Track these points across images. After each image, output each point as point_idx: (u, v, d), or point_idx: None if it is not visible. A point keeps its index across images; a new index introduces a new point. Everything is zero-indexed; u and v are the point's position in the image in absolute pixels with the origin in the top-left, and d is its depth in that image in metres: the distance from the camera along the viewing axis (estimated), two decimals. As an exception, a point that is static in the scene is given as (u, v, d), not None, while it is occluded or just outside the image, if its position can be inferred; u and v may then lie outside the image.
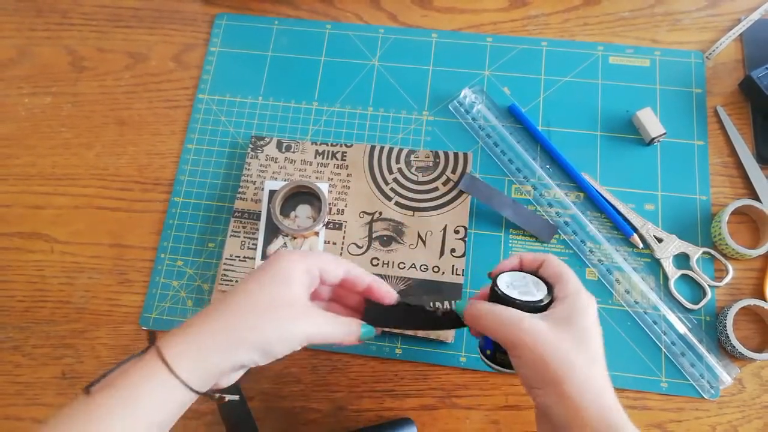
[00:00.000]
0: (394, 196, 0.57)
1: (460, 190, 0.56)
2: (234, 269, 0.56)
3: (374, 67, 0.63)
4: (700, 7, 0.64)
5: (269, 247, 0.56)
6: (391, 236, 0.56)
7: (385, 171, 0.58)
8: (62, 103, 0.64)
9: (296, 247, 0.56)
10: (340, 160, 0.59)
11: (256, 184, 0.58)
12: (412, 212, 0.57)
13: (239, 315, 0.38)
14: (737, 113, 0.59)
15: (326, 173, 0.58)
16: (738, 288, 0.54)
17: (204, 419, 0.53)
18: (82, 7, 0.68)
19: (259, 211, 0.57)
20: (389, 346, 0.54)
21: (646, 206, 0.56)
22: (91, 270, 0.58)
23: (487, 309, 0.40)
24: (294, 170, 0.59)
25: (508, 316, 0.38)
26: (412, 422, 0.50)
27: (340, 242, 0.56)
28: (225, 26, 0.66)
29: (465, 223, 0.56)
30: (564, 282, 0.40)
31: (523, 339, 0.37)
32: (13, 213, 0.60)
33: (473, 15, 0.65)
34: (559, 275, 0.41)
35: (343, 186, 0.58)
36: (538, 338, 0.37)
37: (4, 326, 0.57)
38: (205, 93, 0.63)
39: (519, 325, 0.38)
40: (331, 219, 0.57)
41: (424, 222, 0.56)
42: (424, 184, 0.58)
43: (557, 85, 0.61)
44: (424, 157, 0.58)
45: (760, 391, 0.51)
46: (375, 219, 0.57)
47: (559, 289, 0.40)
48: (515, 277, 0.42)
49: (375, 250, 0.56)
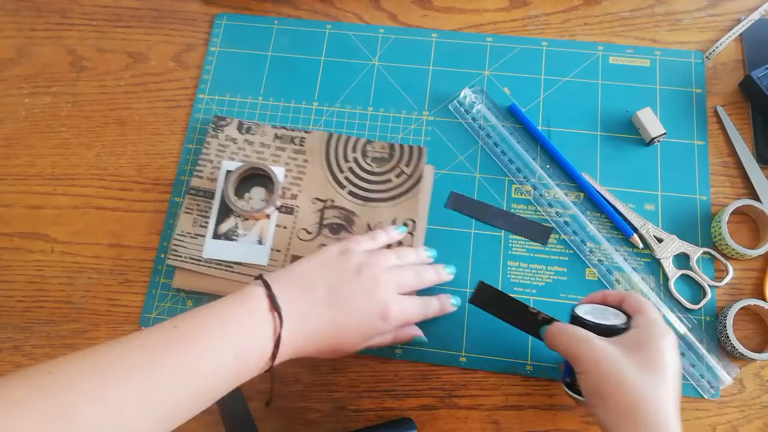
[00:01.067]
0: (347, 185, 0.58)
1: (413, 183, 0.57)
2: (184, 245, 0.56)
3: (374, 67, 0.63)
4: (700, 7, 0.64)
5: (220, 226, 0.57)
6: (341, 224, 0.56)
7: (341, 159, 0.59)
8: (62, 103, 0.64)
9: (247, 229, 0.56)
10: (298, 145, 0.59)
11: (214, 163, 0.59)
12: (363, 202, 0.57)
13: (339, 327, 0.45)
14: (737, 113, 0.59)
15: (283, 157, 0.59)
16: (738, 288, 0.54)
17: (204, 419, 0.53)
18: (82, 7, 0.68)
19: (214, 190, 0.58)
20: (389, 346, 0.54)
21: (646, 206, 0.56)
22: (91, 270, 0.58)
23: (564, 327, 0.43)
24: (252, 152, 0.59)
25: (580, 334, 0.41)
26: (412, 422, 0.50)
27: (291, 227, 0.57)
28: (225, 26, 0.66)
29: (414, 216, 0.56)
30: (642, 313, 0.42)
31: (590, 354, 0.39)
32: (13, 213, 0.60)
33: (473, 15, 0.65)
34: (639, 307, 0.43)
35: (299, 171, 0.58)
36: (603, 354, 0.39)
37: (4, 326, 0.57)
38: (205, 93, 0.63)
39: (588, 342, 0.40)
40: (284, 203, 0.57)
41: (374, 212, 0.57)
42: (378, 175, 0.58)
43: (557, 85, 0.61)
44: (380, 149, 0.59)
45: (760, 391, 0.51)
46: (327, 206, 0.57)
47: (637, 319, 0.42)
48: (596, 308, 0.45)
49: (324, 237, 0.56)
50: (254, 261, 0.55)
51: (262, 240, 0.56)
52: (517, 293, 0.54)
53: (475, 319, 0.54)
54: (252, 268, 0.55)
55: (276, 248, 0.56)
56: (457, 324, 0.54)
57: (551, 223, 0.56)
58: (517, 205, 0.57)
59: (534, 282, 0.55)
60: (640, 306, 0.43)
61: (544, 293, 0.54)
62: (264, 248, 0.56)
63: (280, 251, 0.56)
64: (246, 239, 0.56)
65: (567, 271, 0.55)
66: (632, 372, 0.37)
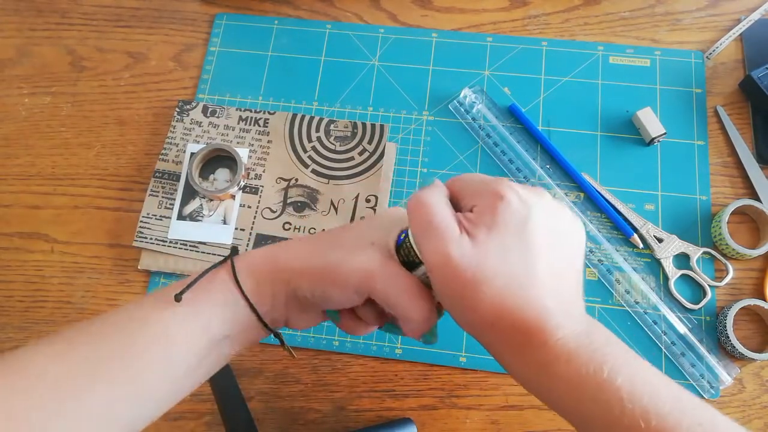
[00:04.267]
0: (311, 164, 0.59)
1: (375, 159, 0.58)
2: (150, 227, 0.57)
3: (374, 67, 0.63)
4: (700, 7, 0.64)
5: (185, 207, 0.58)
6: (305, 202, 0.57)
7: (305, 139, 0.60)
8: (62, 103, 0.64)
9: (212, 210, 0.57)
10: (262, 126, 0.60)
11: (179, 147, 0.60)
12: (327, 180, 0.58)
13: (316, 241, 0.36)
14: (737, 113, 0.59)
15: (248, 139, 0.60)
16: (738, 288, 0.54)
17: (204, 419, 0.53)
18: (81, 6, 0.68)
19: (179, 172, 0.59)
20: (389, 346, 0.54)
21: (646, 206, 0.56)
22: (91, 270, 0.58)
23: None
24: (217, 134, 0.60)
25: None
26: (412, 422, 0.50)
27: (255, 206, 0.58)
28: (225, 26, 0.66)
29: (376, 192, 0.57)
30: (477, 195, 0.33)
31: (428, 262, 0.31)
32: (12, 213, 0.60)
33: (473, 15, 0.65)
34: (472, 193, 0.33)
35: (263, 152, 0.59)
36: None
37: (4, 326, 0.57)
38: (205, 93, 0.63)
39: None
40: (249, 183, 0.58)
41: (338, 190, 0.58)
42: (341, 153, 0.59)
43: (557, 85, 0.61)
44: (343, 127, 0.60)
45: (760, 391, 0.51)
46: (291, 185, 0.58)
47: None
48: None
49: (288, 215, 0.57)
50: (218, 240, 0.57)
51: (227, 220, 0.57)
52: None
53: (475, 319, 0.54)
54: (216, 247, 0.56)
55: (240, 227, 0.57)
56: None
57: (551, 223, 0.56)
58: (517, 205, 0.57)
59: (534, 282, 0.55)
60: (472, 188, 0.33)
61: (544, 293, 0.54)
62: (228, 228, 0.57)
63: (244, 230, 0.57)
64: (210, 219, 0.57)
65: (567, 271, 0.55)
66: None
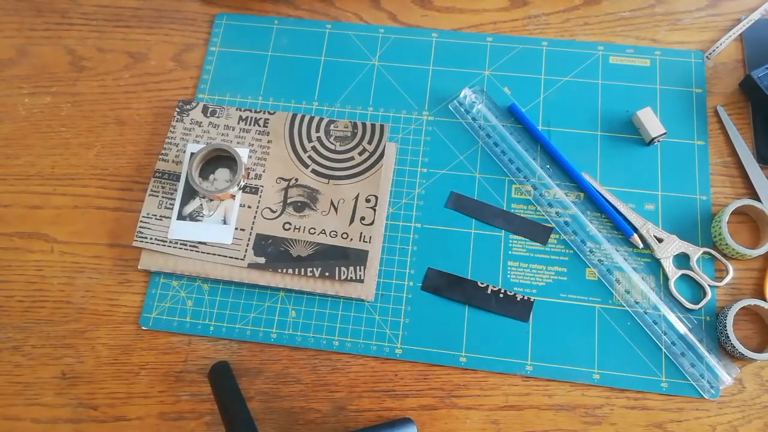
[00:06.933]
0: (311, 164, 0.59)
1: (375, 159, 0.58)
2: (150, 227, 0.57)
3: (374, 67, 0.63)
4: (700, 6, 0.64)
5: (185, 207, 0.57)
6: (305, 202, 0.57)
7: (305, 139, 0.60)
8: (62, 103, 0.64)
9: (212, 210, 0.57)
10: (262, 126, 0.60)
11: (179, 147, 0.60)
12: (327, 180, 0.58)
13: None
14: (737, 113, 0.59)
15: (248, 139, 0.60)
16: (738, 288, 0.54)
17: (204, 419, 0.53)
18: (81, 6, 0.68)
19: (179, 172, 0.59)
20: (389, 346, 0.54)
21: (646, 206, 0.57)
22: (91, 270, 0.58)
23: None
24: (217, 134, 0.60)
25: None
26: (412, 422, 0.50)
27: (255, 206, 0.58)
28: (225, 26, 0.66)
29: (376, 192, 0.57)
30: None
31: None
32: (12, 213, 0.60)
33: (473, 15, 0.65)
34: None
35: (263, 152, 0.59)
36: None
37: (4, 326, 0.57)
38: (205, 93, 0.63)
39: None
40: (249, 183, 0.58)
41: (337, 190, 0.58)
42: (341, 154, 0.59)
43: (557, 85, 0.61)
44: (343, 127, 0.60)
45: (760, 391, 0.51)
46: (291, 185, 0.58)
47: None
48: None
49: (288, 215, 0.57)
50: (218, 240, 0.56)
51: (227, 220, 0.57)
52: (517, 293, 0.54)
53: (475, 319, 0.54)
54: (216, 247, 0.56)
55: (240, 227, 0.57)
56: (457, 324, 0.54)
57: (551, 223, 0.56)
58: (517, 205, 0.57)
59: (534, 282, 0.55)
60: None
61: (544, 293, 0.54)
62: (228, 228, 0.57)
63: (244, 230, 0.57)
64: (210, 219, 0.57)
65: (567, 271, 0.55)
66: None
